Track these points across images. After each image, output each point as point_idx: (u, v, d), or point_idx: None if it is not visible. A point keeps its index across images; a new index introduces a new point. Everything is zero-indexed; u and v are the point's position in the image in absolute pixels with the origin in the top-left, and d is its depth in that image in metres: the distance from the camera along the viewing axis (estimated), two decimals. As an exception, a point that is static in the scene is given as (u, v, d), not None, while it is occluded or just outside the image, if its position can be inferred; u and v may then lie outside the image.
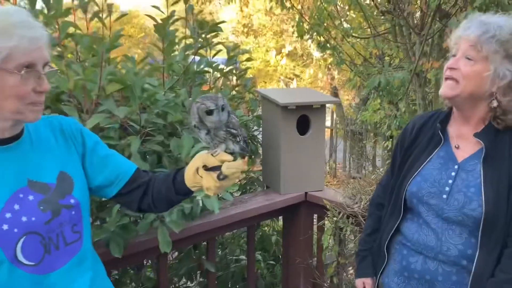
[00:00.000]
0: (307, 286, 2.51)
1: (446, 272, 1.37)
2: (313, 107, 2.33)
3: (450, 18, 3.58)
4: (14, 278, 1.04)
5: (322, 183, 2.45)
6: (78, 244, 1.15)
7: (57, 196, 1.11)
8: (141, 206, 1.29)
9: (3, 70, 0.97)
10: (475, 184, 1.33)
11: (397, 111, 4.34)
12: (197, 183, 1.17)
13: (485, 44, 1.28)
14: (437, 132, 1.44)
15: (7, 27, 0.97)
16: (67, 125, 1.20)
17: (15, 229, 1.02)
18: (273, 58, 8.99)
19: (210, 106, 1.07)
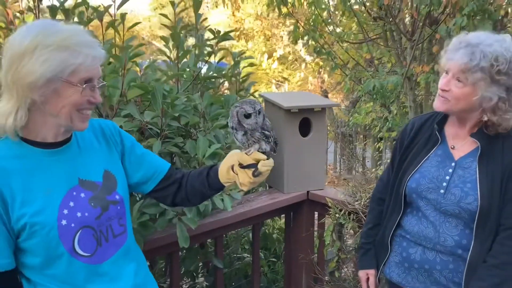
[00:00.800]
0: (309, 281, 2.62)
1: (444, 261, 1.50)
2: (315, 110, 2.45)
3: (439, 25, 3.74)
4: (72, 268, 1.15)
5: (323, 182, 2.58)
6: (124, 236, 1.26)
7: (104, 193, 1.21)
8: (175, 201, 1.40)
9: (68, 83, 1.08)
10: (471, 180, 1.46)
11: (389, 114, 4.48)
12: (229, 179, 1.29)
13: (471, 72, 1.38)
14: (434, 133, 1.57)
15: (76, 45, 1.07)
16: (107, 127, 1.31)
17: (72, 224, 1.13)
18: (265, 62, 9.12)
19: (248, 110, 1.19)
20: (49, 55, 1.05)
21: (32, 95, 1.07)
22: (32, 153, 1.13)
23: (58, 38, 1.06)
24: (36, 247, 1.11)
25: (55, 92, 1.08)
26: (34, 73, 1.04)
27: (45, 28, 1.08)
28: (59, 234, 1.11)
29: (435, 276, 1.52)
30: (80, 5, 1.92)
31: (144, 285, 1.31)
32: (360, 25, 4.10)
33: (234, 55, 2.32)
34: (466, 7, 3.23)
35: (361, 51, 4.66)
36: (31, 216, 1.09)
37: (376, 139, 6.90)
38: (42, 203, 1.11)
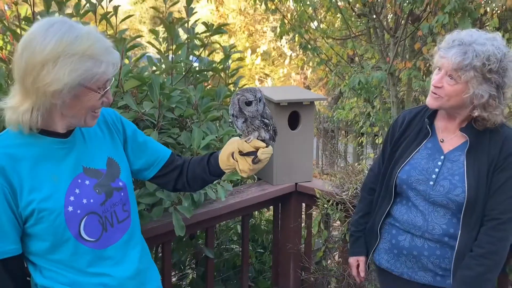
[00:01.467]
0: (296, 270, 2.69)
1: (431, 247, 1.57)
2: (303, 104, 2.51)
3: (422, 22, 3.86)
4: (79, 253, 1.18)
5: (311, 174, 2.64)
6: (128, 221, 1.30)
7: (108, 180, 1.25)
8: (176, 186, 1.44)
9: (88, 89, 1.11)
10: (459, 173, 1.53)
11: (372, 109, 4.59)
12: (230, 166, 1.33)
13: (463, 71, 1.43)
14: (425, 126, 1.63)
15: (99, 54, 1.10)
16: (109, 116, 1.34)
17: (78, 210, 1.17)
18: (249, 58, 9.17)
19: (249, 97, 1.22)
20: (74, 65, 1.06)
21: (55, 101, 1.09)
22: (40, 142, 1.16)
23: (82, 47, 1.07)
24: (43, 232, 1.14)
25: (75, 97, 1.11)
26: (60, 82, 1.06)
27: (66, 33, 1.08)
28: (66, 219, 1.15)
29: (422, 262, 1.59)
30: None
31: (147, 269, 1.35)
32: (345, 22, 4.18)
33: (225, 49, 2.35)
34: (447, 5, 3.34)
35: (345, 47, 4.75)
36: (39, 202, 1.12)
37: (358, 134, 7.04)
38: (49, 190, 1.14)
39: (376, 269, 1.82)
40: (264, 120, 1.26)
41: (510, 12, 3.67)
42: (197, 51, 2.21)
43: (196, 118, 1.93)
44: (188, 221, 1.90)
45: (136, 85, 1.69)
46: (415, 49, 4.11)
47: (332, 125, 8.29)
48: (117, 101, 1.75)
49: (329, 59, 4.64)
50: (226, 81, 2.59)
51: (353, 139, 7.48)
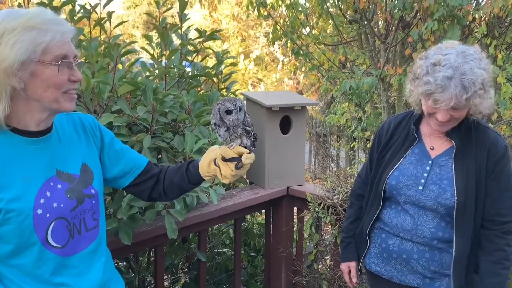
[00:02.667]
0: (288, 273, 2.72)
1: (420, 250, 1.61)
2: (295, 109, 2.55)
3: (412, 28, 3.92)
4: (43, 259, 1.14)
5: (303, 178, 2.67)
6: (97, 231, 1.27)
7: (81, 186, 1.22)
8: (151, 195, 1.43)
9: (42, 63, 1.07)
10: (447, 177, 1.56)
11: (363, 114, 4.63)
12: (210, 172, 1.35)
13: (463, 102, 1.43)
14: (412, 132, 1.66)
15: (41, 24, 1.06)
16: (87, 121, 1.32)
17: (48, 214, 1.12)
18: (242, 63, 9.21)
19: (229, 107, 1.26)
20: (16, 37, 1.04)
21: (11, 82, 1.06)
22: (12, 140, 1.12)
23: (23, 20, 1.05)
24: (8, 234, 1.09)
25: (32, 75, 1.07)
26: (7, 58, 1.03)
27: (8, 14, 1.07)
28: (34, 222, 1.10)
29: (412, 265, 1.62)
30: (68, 3, 1.95)
31: (110, 281, 1.32)
32: (337, 28, 4.23)
33: (218, 54, 2.39)
34: (436, 12, 3.40)
35: (337, 53, 4.80)
36: (7, 202, 1.08)
37: (350, 139, 7.09)
38: (20, 190, 1.10)
39: (367, 273, 1.85)
40: (246, 128, 1.29)
41: (497, 19, 3.74)
42: (190, 57, 2.24)
43: (189, 123, 1.96)
44: (180, 224, 1.92)
45: (129, 90, 1.71)
46: (405, 55, 4.18)
47: (324, 130, 8.33)
48: (111, 105, 1.77)
49: (321, 64, 4.69)
50: (219, 86, 2.63)
51: (345, 144, 7.53)
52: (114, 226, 1.74)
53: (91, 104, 1.79)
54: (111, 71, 1.90)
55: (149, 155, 1.67)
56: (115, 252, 1.85)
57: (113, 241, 1.77)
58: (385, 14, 3.91)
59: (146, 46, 2.41)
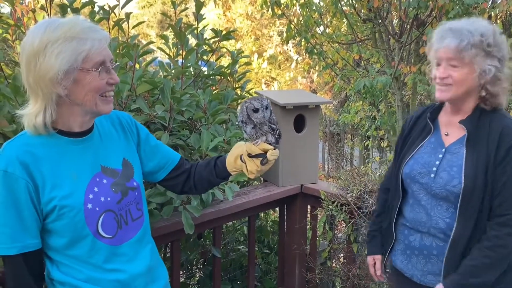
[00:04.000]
0: (302, 271, 2.74)
1: (440, 246, 1.57)
2: (309, 107, 2.57)
3: (426, 27, 3.91)
4: (95, 248, 1.23)
5: (316, 176, 2.70)
6: (141, 220, 1.36)
7: (124, 180, 1.30)
8: (183, 189, 1.51)
9: (84, 70, 1.14)
10: (457, 165, 1.54)
11: (377, 112, 4.63)
12: (236, 168, 1.40)
13: (464, 52, 1.46)
14: (428, 122, 1.66)
15: (81, 33, 1.14)
16: (124, 118, 1.39)
17: (97, 207, 1.21)
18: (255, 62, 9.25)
19: (256, 105, 1.31)
20: (60, 48, 1.10)
21: (56, 90, 1.13)
22: (59, 142, 1.20)
23: (63, 31, 1.12)
24: (63, 228, 1.19)
25: (75, 82, 1.14)
26: (52, 68, 1.11)
27: (48, 25, 1.14)
28: (85, 216, 1.19)
29: (432, 262, 1.59)
30: (87, 4, 2.01)
31: (157, 267, 1.40)
32: (351, 27, 4.23)
33: (233, 54, 2.42)
34: (451, 11, 3.39)
35: (350, 51, 4.80)
36: (60, 199, 1.17)
37: (364, 137, 7.08)
38: (70, 188, 1.19)
39: (391, 269, 1.83)
40: (271, 125, 1.34)
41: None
42: (206, 56, 2.28)
43: (205, 121, 2.00)
44: (196, 220, 1.96)
45: (148, 89, 1.76)
46: (420, 54, 4.17)
47: (338, 129, 8.32)
48: (130, 104, 1.82)
49: (335, 63, 4.70)
50: (233, 85, 2.66)
51: (359, 143, 7.52)
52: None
53: (111, 103, 1.84)
54: (129, 70, 1.95)
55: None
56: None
57: (131, 236, 1.82)
58: (400, 13, 3.91)
59: (162, 45, 2.45)
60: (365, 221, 2.35)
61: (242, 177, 2.13)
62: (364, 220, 2.35)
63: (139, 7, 20.47)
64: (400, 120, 4.32)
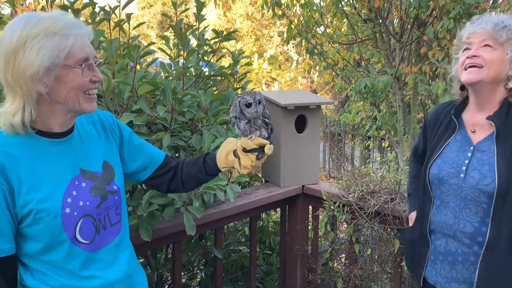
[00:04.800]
0: (303, 271, 2.74)
1: (465, 253, 1.49)
2: (310, 108, 2.57)
3: (427, 27, 3.90)
4: (72, 254, 1.18)
5: (318, 177, 2.69)
6: (120, 225, 1.31)
7: (104, 183, 1.25)
8: (170, 187, 1.48)
9: (66, 67, 1.10)
10: (489, 162, 1.46)
11: (378, 112, 4.62)
12: (228, 164, 1.39)
13: (500, 33, 1.43)
14: (453, 119, 1.61)
15: (63, 29, 1.09)
16: (105, 118, 1.35)
17: (75, 212, 1.16)
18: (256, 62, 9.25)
19: (249, 100, 1.30)
20: (40, 44, 1.06)
21: (37, 88, 1.08)
22: (37, 142, 1.15)
23: (44, 26, 1.07)
24: (39, 233, 1.13)
25: (57, 79, 1.09)
26: (32, 65, 1.06)
27: (28, 20, 1.08)
28: (63, 221, 1.14)
29: (457, 269, 1.52)
30: (88, 5, 2.00)
31: (135, 272, 1.37)
32: (351, 27, 4.23)
33: (234, 54, 2.42)
34: (452, 11, 3.39)
35: (351, 51, 4.80)
36: (37, 203, 1.11)
37: (365, 138, 7.08)
38: (48, 191, 1.13)
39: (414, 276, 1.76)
40: (265, 120, 1.34)
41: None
42: (207, 57, 2.28)
43: (206, 122, 1.99)
44: (198, 222, 1.96)
45: (149, 90, 1.76)
46: (420, 54, 4.16)
47: (339, 129, 8.32)
48: (131, 105, 1.82)
49: (336, 63, 4.69)
50: (234, 86, 2.66)
51: (360, 143, 7.52)
52: (134, 222, 1.78)
53: (112, 103, 1.83)
54: (130, 71, 1.95)
55: (168, 153, 1.71)
56: (135, 248, 1.90)
57: (133, 237, 1.79)
58: (400, 13, 3.91)
59: (162, 46, 2.45)
60: (366, 221, 2.34)
61: (244, 178, 2.13)
62: (366, 221, 2.34)
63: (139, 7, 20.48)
64: (401, 120, 4.32)
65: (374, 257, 2.52)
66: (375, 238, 2.45)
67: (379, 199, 2.27)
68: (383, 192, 2.31)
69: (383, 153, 6.99)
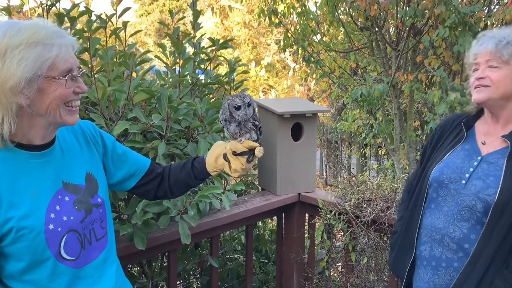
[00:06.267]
0: (300, 280, 2.72)
1: (449, 259, 1.50)
2: (306, 116, 2.57)
3: (423, 35, 3.92)
4: (57, 272, 1.13)
5: (314, 185, 2.69)
6: (105, 239, 1.27)
7: (87, 196, 1.21)
8: (157, 194, 1.46)
9: (49, 78, 1.05)
10: (495, 175, 1.46)
11: (375, 120, 4.63)
12: (217, 167, 1.38)
13: (503, 50, 1.44)
14: (462, 129, 1.61)
15: (45, 38, 1.04)
16: (87, 128, 1.31)
17: (59, 228, 1.11)
18: (253, 70, 9.28)
19: (238, 102, 1.30)
20: (21, 54, 1.01)
21: (17, 100, 1.04)
22: (17, 156, 1.10)
23: (26, 36, 1.02)
24: (21, 251, 1.08)
25: (39, 91, 1.05)
26: (13, 76, 1.01)
27: (8, 29, 1.03)
28: (46, 238, 1.09)
29: (439, 275, 1.52)
30: (85, 13, 2.00)
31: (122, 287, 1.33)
32: (348, 35, 4.24)
33: (230, 62, 2.42)
34: (448, 19, 3.40)
35: (347, 60, 4.82)
36: (18, 220, 1.06)
37: (361, 145, 7.09)
38: (29, 207, 1.08)
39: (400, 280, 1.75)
40: (255, 122, 1.34)
41: (509, 25, 3.73)
42: (203, 65, 2.28)
43: (202, 130, 1.99)
44: (193, 230, 1.95)
45: (145, 98, 1.75)
46: (416, 62, 4.17)
47: (335, 137, 8.33)
48: (127, 113, 1.81)
49: (332, 71, 4.71)
50: (231, 94, 2.66)
51: (357, 151, 7.52)
52: (129, 231, 1.77)
53: (107, 111, 1.83)
54: (126, 79, 1.95)
55: (163, 161, 1.71)
56: (130, 257, 1.89)
57: (127, 246, 1.81)
58: (396, 21, 3.92)
59: (159, 54, 2.45)
60: (363, 230, 2.34)
61: (240, 186, 2.12)
62: (362, 229, 2.34)
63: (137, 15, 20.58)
64: (398, 128, 4.33)
65: (370, 266, 2.52)
66: (372, 247, 2.44)
67: (375, 207, 2.27)
68: (379, 200, 2.31)
69: (379, 160, 7.00)
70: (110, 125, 1.78)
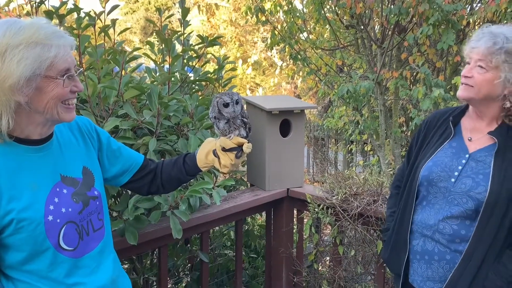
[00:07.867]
0: (289, 274, 2.77)
1: (441, 252, 1.53)
2: (294, 112, 2.61)
3: (407, 33, 4.00)
4: (56, 262, 1.17)
5: (302, 180, 2.73)
6: (103, 231, 1.31)
7: (84, 189, 1.25)
8: (150, 189, 1.50)
9: (47, 78, 1.08)
10: (484, 173, 1.48)
11: (361, 117, 4.70)
12: (208, 163, 1.42)
13: (494, 55, 1.43)
14: (449, 126, 1.63)
15: (45, 39, 1.07)
16: (83, 124, 1.34)
17: (58, 219, 1.15)
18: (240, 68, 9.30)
19: (226, 100, 1.34)
20: (21, 54, 1.04)
21: (16, 98, 1.06)
22: (16, 150, 1.13)
23: (26, 35, 1.05)
24: (21, 242, 1.11)
25: (37, 90, 1.08)
26: (12, 75, 1.04)
27: (8, 28, 1.06)
28: (46, 229, 1.12)
29: (432, 268, 1.55)
30: (73, 11, 2.01)
31: (120, 278, 1.37)
32: (334, 33, 4.30)
33: (219, 60, 2.45)
34: (431, 17, 3.47)
35: (334, 57, 4.88)
36: (18, 212, 1.09)
37: (348, 142, 7.17)
38: (29, 199, 1.12)
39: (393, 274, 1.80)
40: (244, 119, 1.38)
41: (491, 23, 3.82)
42: (192, 62, 2.30)
43: (192, 126, 2.02)
44: (184, 225, 1.97)
45: (135, 95, 1.77)
46: (401, 59, 4.26)
47: (322, 133, 8.40)
48: (117, 110, 1.83)
49: (319, 69, 4.76)
50: (219, 91, 2.68)
51: (343, 147, 7.60)
52: (120, 226, 1.79)
53: (97, 108, 1.84)
54: (115, 76, 1.96)
55: (154, 157, 1.73)
56: (121, 253, 1.90)
57: (119, 241, 1.82)
58: (381, 19, 3.99)
59: (147, 51, 2.47)
60: (350, 223, 2.38)
61: (230, 182, 2.15)
62: (349, 223, 2.39)
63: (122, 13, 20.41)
64: (383, 124, 4.40)
65: (358, 259, 2.57)
66: (359, 240, 2.49)
67: (362, 201, 2.32)
68: (366, 194, 2.36)
69: (365, 157, 7.09)
70: (100, 122, 1.80)
